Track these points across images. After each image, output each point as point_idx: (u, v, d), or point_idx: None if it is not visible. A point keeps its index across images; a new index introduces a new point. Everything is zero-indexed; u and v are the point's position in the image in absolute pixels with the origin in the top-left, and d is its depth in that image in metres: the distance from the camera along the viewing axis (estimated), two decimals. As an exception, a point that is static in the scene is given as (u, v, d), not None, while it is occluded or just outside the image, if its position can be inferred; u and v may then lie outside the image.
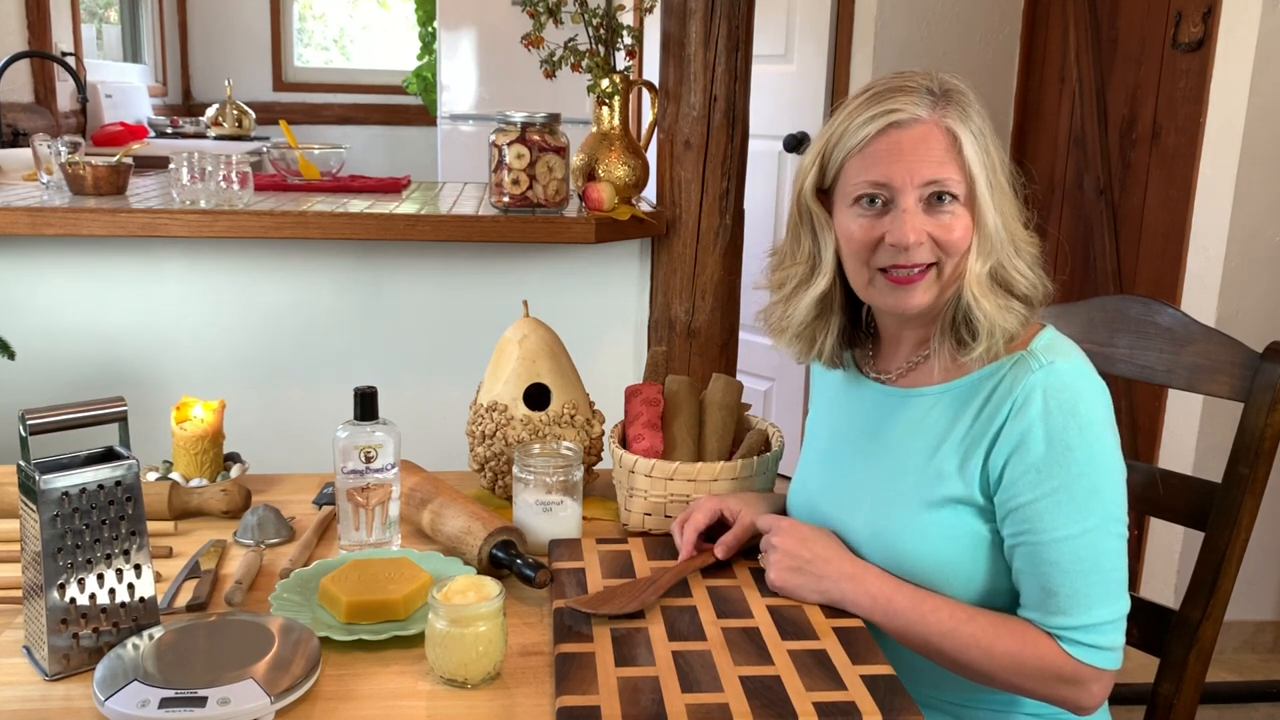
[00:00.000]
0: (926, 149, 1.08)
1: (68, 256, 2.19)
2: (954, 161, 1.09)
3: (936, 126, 1.09)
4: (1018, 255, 1.12)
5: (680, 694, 0.94)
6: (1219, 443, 2.43)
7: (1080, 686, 1.07)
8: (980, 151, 1.09)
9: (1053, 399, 1.06)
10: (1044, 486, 1.06)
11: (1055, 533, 1.06)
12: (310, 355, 2.30)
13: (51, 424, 1.01)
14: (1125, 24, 2.86)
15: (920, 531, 1.12)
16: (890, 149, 1.09)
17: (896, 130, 1.09)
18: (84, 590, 1.01)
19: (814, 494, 1.26)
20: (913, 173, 1.08)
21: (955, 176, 1.09)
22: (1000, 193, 1.11)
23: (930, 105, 1.09)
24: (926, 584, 1.12)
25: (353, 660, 1.03)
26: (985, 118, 1.12)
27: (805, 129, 3.44)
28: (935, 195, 1.09)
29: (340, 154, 2.65)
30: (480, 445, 1.43)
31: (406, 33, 5.61)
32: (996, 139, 1.13)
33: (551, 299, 2.16)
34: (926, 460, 1.14)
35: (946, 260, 1.11)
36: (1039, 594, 1.08)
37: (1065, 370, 1.08)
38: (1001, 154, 1.13)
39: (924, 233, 1.09)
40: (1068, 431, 1.06)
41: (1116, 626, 1.08)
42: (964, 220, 1.10)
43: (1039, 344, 1.11)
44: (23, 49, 3.73)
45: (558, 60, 2.23)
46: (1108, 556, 1.07)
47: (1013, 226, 1.12)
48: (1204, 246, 2.48)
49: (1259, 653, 2.66)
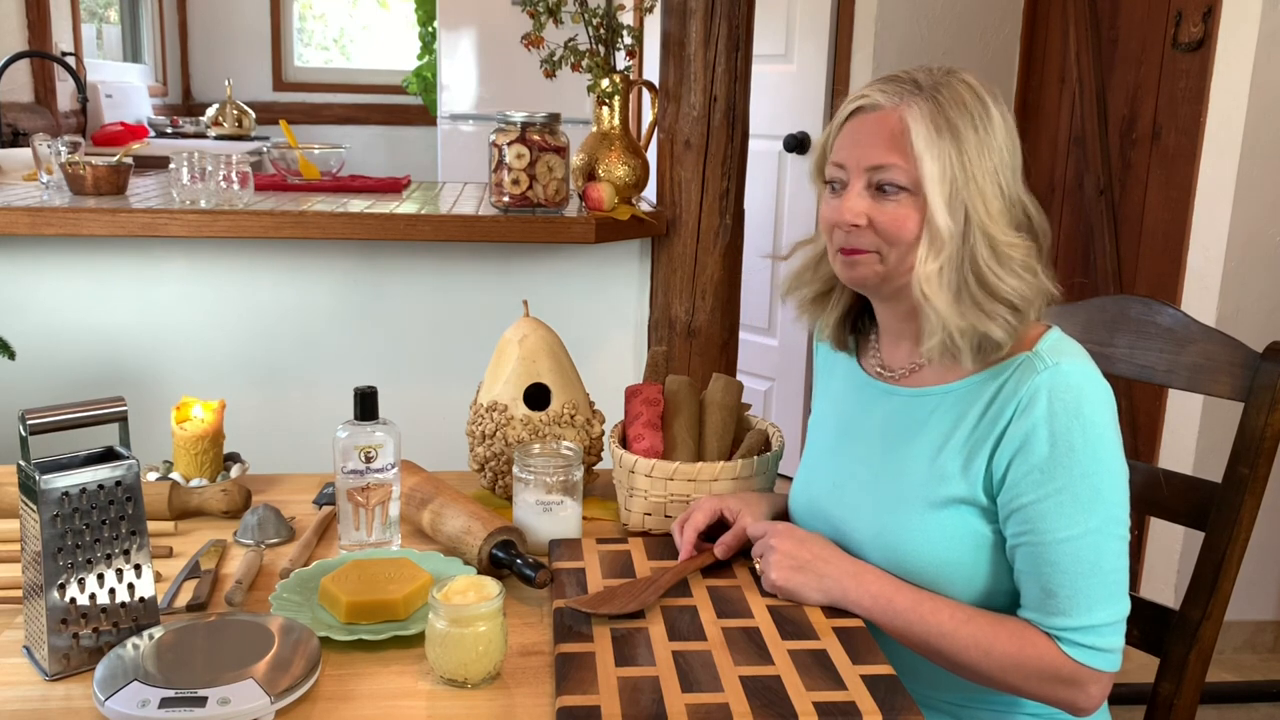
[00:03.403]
0: (876, 136, 1.10)
1: (68, 256, 2.19)
2: (900, 151, 1.09)
3: (892, 114, 1.09)
4: (994, 259, 1.09)
5: (680, 694, 0.94)
6: (1219, 443, 2.42)
7: (1079, 688, 1.07)
8: (940, 147, 1.07)
9: (1057, 400, 1.06)
10: (1047, 487, 1.06)
11: (1057, 534, 1.06)
12: (310, 355, 2.30)
13: (51, 424, 1.01)
14: (1125, 24, 2.86)
15: (923, 531, 1.12)
16: (850, 134, 1.13)
17: (858, 116, 1.13)
18: (84, 590, 1.01)
19: (817, 493, 1.26)
20: (859, 158, 1.11)
21: (899, 164, 1.09)
22: (974, 193, 1.08)
23: (900, 95, 1.10)
24: (928, 584, 1.12)
25: (353, 660, 1.03)
26: (984, 120, 1.09)
27: (805, 129, 3.44)
28: (879, 185, 1.10)
29: (340, 154, 2.65)
30: (480, 445, 1.43)
31: (406, 33, 5.60)
32: (995, 143, 1.10)
33: (551, 299, 2.16)
34: (930, 460, 1.14)
35: (889, 250, 1.12)
36: (1039, 594, 1.08)
37: (1071, 371, 1.08)
38: (992, 158, 1.09)
39: (863, 215, 1.11)
40: (1072, 433, 1.06)
41: (1116, 629, 1.08)
42: (910, 213, 1.10)
43: (1044, 345, 1.11)
44: (23, 49, 3.73)
45: (558, 60, 2.23)
46: (1109, 558, 1.07)
47: (990, 228, 1.09)
48: (1204, 246, 2.48)
49: (1259, 653, 2.66)
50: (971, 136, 1.09)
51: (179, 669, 0.95)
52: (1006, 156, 1.11)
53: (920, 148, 1.08)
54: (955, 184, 1.08)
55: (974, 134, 1.09)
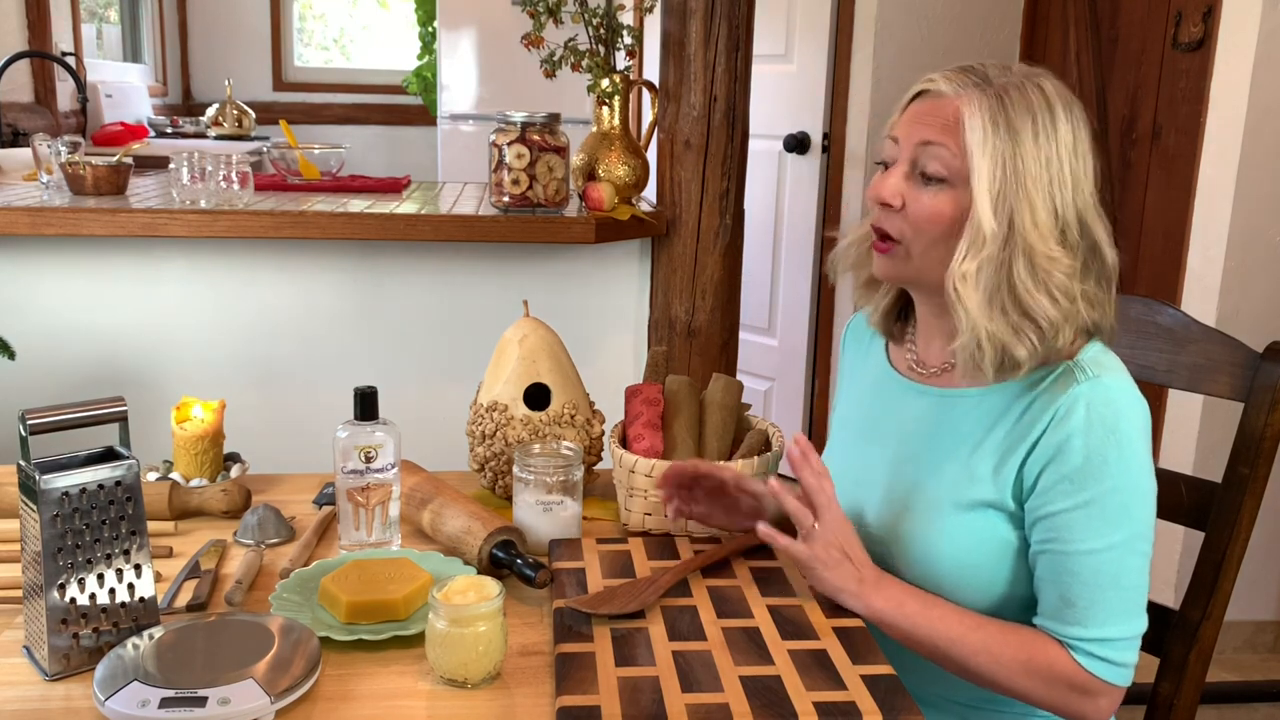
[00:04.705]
0: (933, 118, 1.09)
1: (68, 256, 2.19)
2: (952, 137, 1.08)
3: (952, 102, 1.08)
4: (1031, 275, 1.07)
5: (680, 694, 0.94)
6: (1219, 443, 2.42)
7: (1089, 697, 1.07)
8: (992, 144, 1.05)
9: (1095, 413, 1.05)
10: (1076, 498, 1.06)
11: (1081, 544, 1.06)
12: (310, 355, 2.30)
13: (51, 424, 1.01)
14: (1125, 24, 2.86)
15: (948, 532, 1.12)
16: (911, 115, 1.13)
17: (920, 101, 1.12)
18: (84, 590, 1.01)
19: (839, 488, 1.25)
20: (912, 134, 1.11)
21: (949, 146, 1.08)
22: (1022, 200, 1.06)
23: (964, 85, 1.08)
24: (948, 586, 1.12)
25: (353, 660, 1.03)
26: (1048, 129, 1.06)
27: (805, 129, 3.44)
28: (922, 172, 1.10)
29: (340, 154, 2.65)
30: (480, 445, 1.43)
31: (406, 33, 5.61)
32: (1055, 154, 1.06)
33: (551, 299, 2.16)
34: (960, 462, 1.14)
35: (914, 238, 1.11)
36: (1057, 603, 1.08)
37: (1111, 386, 1.07)
38: (1049, 169, 1.06)
39: (899, 196, 1.11)
40: (1106, 447, 1.05)
41: (1130, 644, 1.07)
42: (944, 207, 1.09)
43: (1086, 356, 1.10)
44: (23, 49, 3.73)
45: (558, 60, 2.23)
46: (1130, 574, 1.06)
47: (1032, 240, 1.06)
48: (1204, 246, 2.48)
49: (1259, 653, 2.66)
50: (1029, 142, 1.06)
51: (179, 669, 0.95)
52: (1066, 173, 1.07)
53: (971, 141, 1.06)
54: (1004, 186, 1.06)
55: (1032, 141, 1.06)
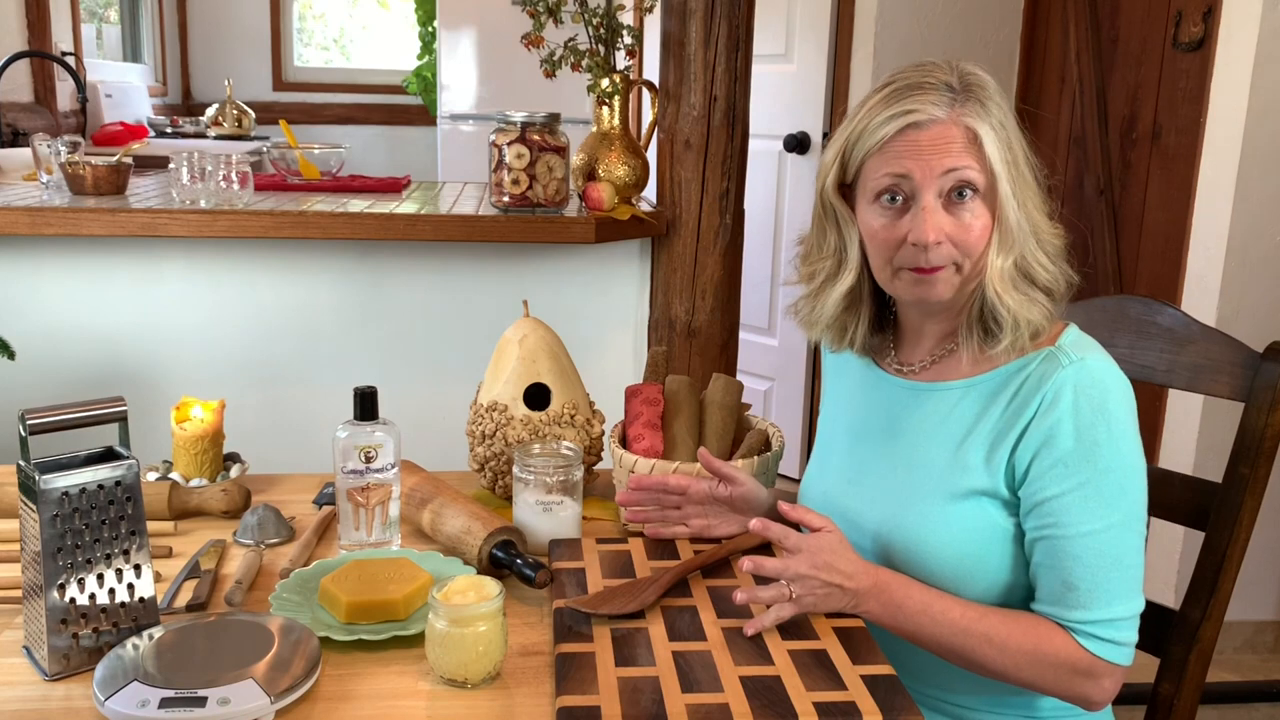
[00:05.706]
0: (945, 146, 1.08)
1: (68, 256, 2.19)
2: (974, 156, 1.08)
3: (955, 125, 1.08)
4: (1039, 247, 1.12)
5: (680, 694, 0.94)
6: (1219, 443, 2.42)
7: (1094, 680, 1.08)
8: (1001, 146, 1.09)
9: (1083, 395, 1.07)
10: (1071, 481, 1.07)
11: (1080, 527, 1.06)
12: (310, 355, 2.30)
13: (51, 424, 1.01)
14: (1125, 24, 2.86)
15: (943, 524, 1.13)
16: (909, 147, 1.09)
17: (914, 131, 1.09)
18: (84, 590, 1.01)
19: (830, 487, 1.26)
20: (932, 166, 1.08)
21: (975, 167, 1.08)
22: (1023, 185, 1.11)
23: (949, 103, 1.08)
24: (947, 576, 1.12)
25: (353, 660, 1.03)
26: (1007, 108, 1.11)
27: (805, 129, 3.44)
28: (956, 190, 1.09)
29: (340, 154, 2.65)
30: (480, 445, 1.43)
31: (406, 33, 5.61)
32: (1019, 130, 1.12)
33: (551, 299, 2.16)
34: (951, 453, 1.14)
35: (965, 260, 1.11)
36: (1058, 588, 1.08)
37: (1095, 367, 1.08)
38: (1024, 144, 1.12)
39: (943, 232, 1.09)
40: (1096, 428, 1.06)
41: (1132, 623, 1.08)
42: (983, 219, 1.10)
43: (1066, 340, 1.12)
44: (23, 49, 3.72)
45: (558, 60, 2.23)
46: (1129, 554, 1.07)
47: (1035, 218, 1.12)
48: (1204, 246, 2.48)
49: (1259, 653, 2.66)
50: (1012, 127, 1.11)
51: (179, 669, 0.95)
52: (1025, 142, 1.12)
53: (991, 150, 1.08)
54: (1014, 177, 1.10)
55: (1012, 125, 1.11)
